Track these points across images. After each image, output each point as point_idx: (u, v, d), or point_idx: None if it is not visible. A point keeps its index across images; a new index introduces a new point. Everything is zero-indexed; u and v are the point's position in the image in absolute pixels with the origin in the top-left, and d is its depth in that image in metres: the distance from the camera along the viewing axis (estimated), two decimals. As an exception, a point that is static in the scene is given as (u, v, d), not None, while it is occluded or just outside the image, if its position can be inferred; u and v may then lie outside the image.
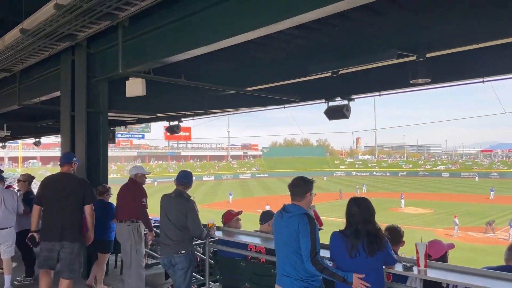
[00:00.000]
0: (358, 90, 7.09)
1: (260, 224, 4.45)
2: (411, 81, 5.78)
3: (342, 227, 2.93)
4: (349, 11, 4.38)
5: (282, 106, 8.71)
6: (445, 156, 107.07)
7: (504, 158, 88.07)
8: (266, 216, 4.39)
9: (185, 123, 10.70)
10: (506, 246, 3.17)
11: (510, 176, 73.80)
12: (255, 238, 4.30)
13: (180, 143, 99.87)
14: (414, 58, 4.88)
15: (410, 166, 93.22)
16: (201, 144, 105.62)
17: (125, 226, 5.22)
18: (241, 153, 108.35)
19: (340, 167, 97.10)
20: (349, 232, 2.82)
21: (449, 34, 4.47)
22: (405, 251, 5.07)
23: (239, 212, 4.83)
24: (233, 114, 10.49)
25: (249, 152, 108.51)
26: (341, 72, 5.88)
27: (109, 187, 6.23)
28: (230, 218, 4.72)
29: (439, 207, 38.60)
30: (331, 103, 7.31)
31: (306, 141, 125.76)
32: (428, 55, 4.81)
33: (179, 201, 4.25)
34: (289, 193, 3.11)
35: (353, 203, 2.92)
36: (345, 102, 7.13)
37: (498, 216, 28.65)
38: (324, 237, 3.13)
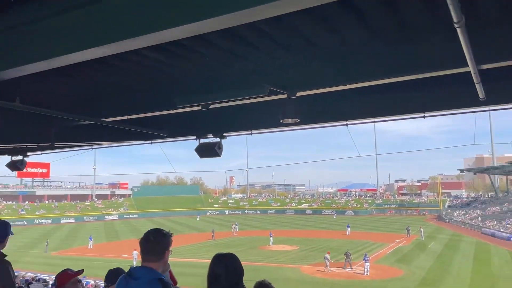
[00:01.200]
0: (230, 128, 6.78)
1: (105, 286, 3.53)
2: (281, 121, 5.65)
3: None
4: (218, 39, 4.00)
5: (150, 141, 7.94)
6: (308, 195, 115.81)
7: (357, 197, 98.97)
8: (112, 277, 3.49)
9: (44, 158, 9.11)
10: (361, 280, 2.91)
11: (363, 213, 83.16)
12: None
13: (35, 181, 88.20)
14: (285, 96, 4.72)
15: (278, 204, 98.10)
16: (61, 182, 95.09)
17: None
18: (108, 192, 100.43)
19: (214, 206, 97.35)
20: (211, 300, 2.21)
21: (319, 73, 4.40)
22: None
23: (79, 272, 3.79)
24: (92, 149, 9.23)
25: (117, 191, 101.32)
26: (212, 107, 5.45)
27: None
28: (66, 280, 3.66)
29: (303, 243, 40.61)
30: (202, 140, 6.86)
31: (180, 180, 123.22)
32: (298, 94, 4.68)
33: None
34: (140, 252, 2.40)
35: (218, 262, 2.33)
36: (217, 139, 6.75)
37: (354, 251, 31.11)
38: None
